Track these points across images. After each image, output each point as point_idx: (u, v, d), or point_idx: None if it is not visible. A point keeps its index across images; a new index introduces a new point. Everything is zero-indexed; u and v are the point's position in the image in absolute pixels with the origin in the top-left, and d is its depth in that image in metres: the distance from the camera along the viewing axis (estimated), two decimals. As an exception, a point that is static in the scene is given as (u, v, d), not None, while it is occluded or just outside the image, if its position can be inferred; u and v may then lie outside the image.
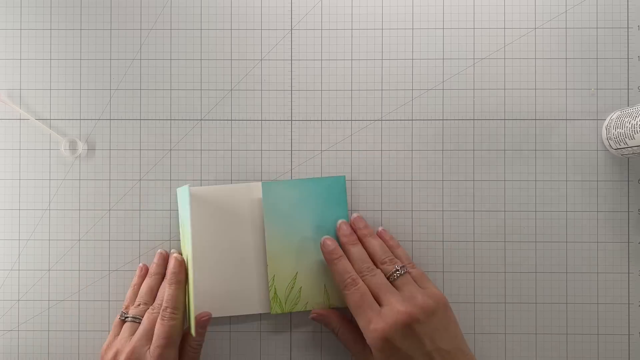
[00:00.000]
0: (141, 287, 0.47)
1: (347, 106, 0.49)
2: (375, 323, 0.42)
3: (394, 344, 0.41)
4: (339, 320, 0.46)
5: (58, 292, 0.49)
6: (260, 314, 0.49)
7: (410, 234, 0.49)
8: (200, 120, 0.49)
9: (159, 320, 0.44)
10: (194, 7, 0.49)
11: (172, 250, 0.48)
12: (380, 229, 0.48)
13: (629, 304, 0.48)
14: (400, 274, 0.44)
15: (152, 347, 0.43)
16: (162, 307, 0.44)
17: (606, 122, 0.48)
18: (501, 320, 0.49)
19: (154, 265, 0.47)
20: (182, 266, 0.46)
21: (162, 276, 0.47)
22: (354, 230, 0.47)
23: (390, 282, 0.44)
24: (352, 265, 0.45)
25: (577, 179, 0.49)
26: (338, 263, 0.45)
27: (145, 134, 0.49)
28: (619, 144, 0.46)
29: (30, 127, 0.49)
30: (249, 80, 0.49)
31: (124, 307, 0.47)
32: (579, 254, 0.49)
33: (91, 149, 0.49)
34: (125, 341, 0.44)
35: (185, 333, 0.45)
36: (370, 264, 0.45)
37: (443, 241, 0.49)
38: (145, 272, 0.48)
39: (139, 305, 0.46)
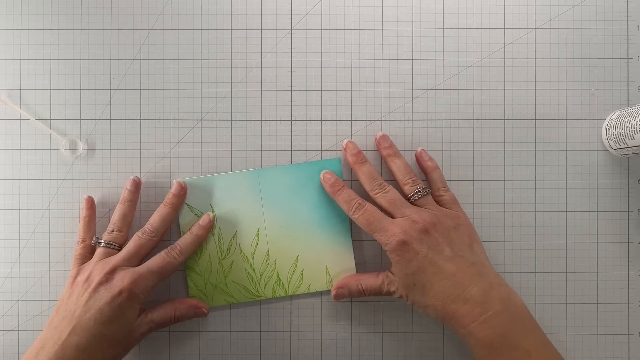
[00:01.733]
0: (113, 214, 0.47)
1: (347, 106, 0.49)
2: (390, 229, 0.42)
3: (412, 247, 0.41)
4: (355, 279, 0.46)
5: (58, 292, 0.49)
6: (261, 309, 0.49)
7: (410, 234, 0.49)
8: (200, 120, 0.49)
9: (163, 252, 0.45)
10: (194, 7, 0.49)
11: (131, 177, 0.48)
12: (419, 149, 0.47)
13: (628, 303, 0.48)
14: (422, 195, 0.44)
15: (141, 267, 0.44)
16: (172, 246, 0.45)
17: (606, 122, 0.48)
18: (501, 320, 0.49)
19: (127, 191, 0.47)
20: (211, 226, 0.47)
21: (135, 203, 0.47)
22: (379, 149, 0.47)
23: (412, 202, 0.44)
24: (363, 185, 0.46)
25: (577, 179, 0.49)
26: (342, 193, 0.45)
27: (145, 134, 0.49)
28: (619, 144, 0.46)
29: (31, 127, 0.49)
30: (249, 80, 0.49)
31: (80, 240, 0.47)
32: (579, 254, 0.49)
33: (91, 149, 0.49)
34: (101, 262, 0.44)
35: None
36: (381, 180, 0.45)
37: (443, 241, 0.49)
38: (91, 204, 0.48)
39: (112, 231, 0.46)
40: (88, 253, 0.46)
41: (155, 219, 0.46)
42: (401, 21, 0.49)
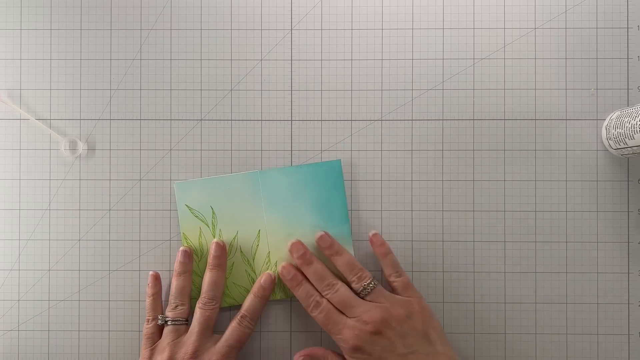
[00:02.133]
0: (172, 290, 0.47)
1: (347, 106, 0.49)
2: (344, 333, 0.43)
3: (365, 350, 0.42)
4: (324, 352, 0.46)
5: (58, 292, 0.49)
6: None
7: (410, 234, 0.49)
8: (200, 120, 0.49)
9: (235, 324, 0.45)
10: (194, 7, 0.49)
11: (181, 248, 0.48)
12: (371, 234, 0.47)
13: (628, 303, 0.48)
14: (369, 291, 0.45)
15: (221, 345, 0.44)
16: (241, 315, 0.46)
17: (606, 122, 0.48)
18: (501, 320, 0.49)
19: (180, 264, 0.47)
20: (274, 283, 0.47)
21: (190, 273, 0.47)
22: (321, 249, 0.47)
23: (362, 297, 0.45)
24: (313, 284, 0.46)
25: (577, 179, 0.49)
26: (299, 289, 0.46)
27: (145, 134, 0.49)
28: (619, 144, 0.46)
29: (31, 127, 0.49)
30: (249, 80, 0.49)
31: (149, 319, 0.47)
32: (579, 254, 0.49)
33: (91, 149, 0.49)
34: (174, 344, 0.45)
35: None
36: (330, 279, 0.45)
37: (443, 241, 0.49)
38: (157, 280, 0.48)
39: (176, 306, 0.46)
40: (158, 332, 0.46)
41: (209, 287, 0.46)
42: (401, 21, 0.49)
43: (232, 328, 0.45)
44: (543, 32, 0.49)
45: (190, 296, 0.47)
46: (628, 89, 0.49)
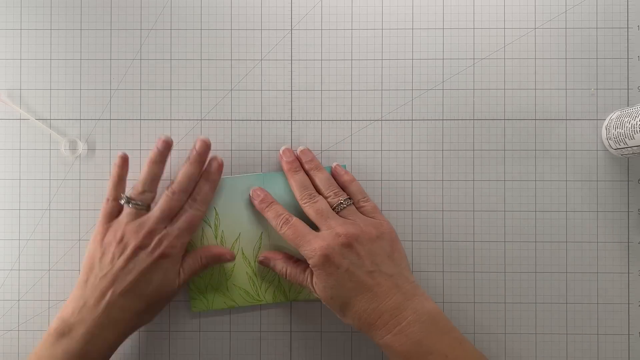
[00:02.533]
0: (143, 175, 0.45)
1: (347, 106, 0.49)
2: (314, 243, 0.43)
3: (333, 261, 0.42)
4: (284, 260, 0.46)
5: (58, 292, 0.49)
6: (261, 310, 0.49)
7: (410, 234, 0.49)
8: (200, 120, 0.49)
9: (187, 208, 0.45)
10: (194, 7, 0.49)
11: (164, 135, 0.46)
12: (334, 165, 0.48)
13: (628, 303, 0.48)
14: (345, 206, 0.45)
15: (173, 228, 0.44)
16: (192, 198, 0.45)
17: (606, 122, 0.48)
18: (501, 320, 0.49)
19: (158, 152, 0.45)
20: (221, 168, 0.47)
21: (164, 164, 0.46)
22: (301, 163, 0.47)
23: (336, 213, 0.45)
24: (295, 193, 0.46)
25: (577, 179, 0.49)
26: (270, 210, 0.46)
27: (145, 134, 0.49)
28: (619, 144, 0.46)
29: (31, 127, 0.49)
30: (249, 80, 0.49)
31: (109, 198, 0.45)
32: (579, 254, 0.49)
33: (91, 149, 0.49)
34: (133, 224, 0.44)
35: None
36: (312, 191, 0.46)
37: (443, 241, 0.49)
38: (125, 162, 0.46)
39: (143, 192, 0.45)
40: (116, 211, 0.45)
41: (183, 179, 0.45)
42: (401, 21, 0.49)
43: (183, 211, 0.45)
44: (543, 32, 0.49)
45: (157, 187, 0.46)
46: (628, 88, 0.49)
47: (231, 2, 0.49)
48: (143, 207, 0.45)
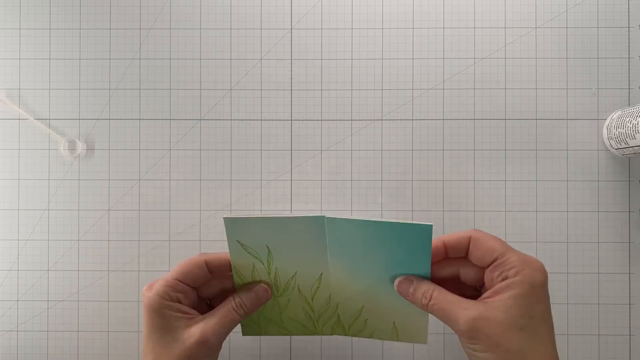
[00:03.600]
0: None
1: (347, 106, 0.49)
2: (530, 257, 0.37)
3: (547, 288, 0.36)
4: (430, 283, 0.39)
5: (58, 292, 0.49)
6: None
7: (411, 234, 0.49)
8: (200, 120, 0.49)
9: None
10: (194, 7, 0.49)
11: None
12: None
13: (629, 304, 0.48)
14: None
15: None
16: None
17: (607, 122, 0.48)
18: (502, 320, 0.48)
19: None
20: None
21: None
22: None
23: None
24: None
25: (577, 179, 0.49)
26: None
27: (145, 134, 0.49)
28: (620, 144, 0.46)
29: (29, 127, 0.49)
30: (249, 80, 0.49)
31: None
32: (579, 254, 0.48)
33: (90, 148, 0.49)
34: None
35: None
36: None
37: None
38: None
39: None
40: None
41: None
42: (401, 21, 0.49)
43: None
44: (544, 32, 0.49)
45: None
46: (629, 88, 0.48)
47: (231, 2, 0.49)
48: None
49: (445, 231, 0.48)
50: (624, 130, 0.45)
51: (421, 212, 0.49)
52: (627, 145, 0.45)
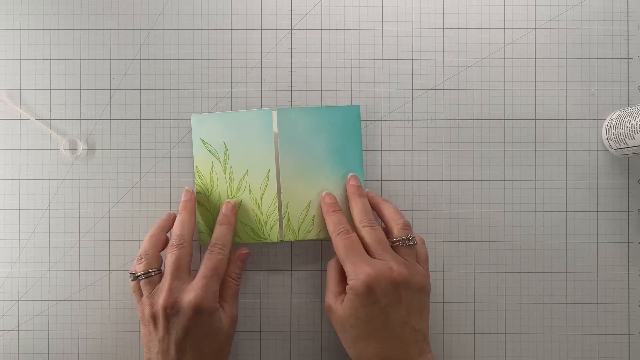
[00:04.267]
0: (142, 246, 0.45)
1: (347, 106, 0.49)
2: (363, 267, 0.41)
3: (375, 294, 0.41)
4: (335, 263, 0.45)
5: (58, 292, 0.49)
6: (261, 306, 0.49)
7: (410, 234, 0.49)
8: (200, 120, 0.49)
9: (206, 254, 0.44)
10: (194, 7, 0.49)
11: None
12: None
13: (629, 304, 0.48)
14: (409, 244, 0.43)
15: (197, 278, 0.43)
16: (212, 243, 0.44)
17: (606, 122, 0.48)
18: (501, 320, 0.49)
19: (158, 227, 0.46)
20: (234, 210, 0.47)
21: (161, 228, 0.46)
22: (369, 195, 0.47)
23: (393, 247, 0.44)
24: (354, 216, 0.45)
25: (577, 179, 0.49)
26: (334, 215, 0.45)
27: (145, 134, 0.49)
28: (619, 144, 0.46)
29: (30, 127, 0.49)
30: (249, 80, 0.49)
31: (131, 277, 0.45)
32: (579, 254, 0.49)
33: (91, 149, 0.49)
34: (152, 296, 0.43)
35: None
36: (372, 218, 0.45)
37: (443, 241, 0.49)
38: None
39: (140, 259, 0.44)
40: (138, 289, 0.45)
41: (177, 228, 0.45)
42: (401, 21, 0.49)
43: (205, 259, 0.44)
44: (543, 32, 0.49)
45: (160, 249, 0.45)
46: (628, 89, 0.49)
47: (231, 2, 0.49)
48: (154, 272, 0.44)
49: (445, 231, 0.49)
50: (623, 131, 0.45)
51: (421, 212, 0.49)
52: (626, 146, 0.45)
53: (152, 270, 0.44)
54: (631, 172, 0.49)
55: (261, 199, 0.48)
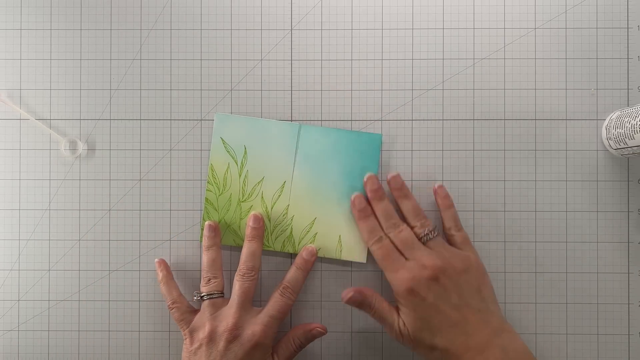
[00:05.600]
0: (203, 263, 0.46)
1: (347, 106, 0.49)
2: (401, 274, 0.43)
3: (419, 294, 0.42)
4: (372, 298, 0.45)
5: (58, 292, 0.49)
6: (261, 306, 0.49)
7: (410, 234, 0.49)
8: (200, 120, 0.49)
9: (277, 295, 0.45)
10: (194, 7, 0.49)
11: (207, 222, 0.47)
12: (436, 186, 0.47)
13: (629, 303, 0.48)
14: (430, 238, 0.45)
15: (263, 314, 0.44)
16: (284, 285, 0.45)
17: (606, 122, 0.48)
18: (501, 320, 0.49)
19: (207, 238, 0.46)
20: (314, 258, 0.47)
21: (219, 246, 0.47)
22: (390, 189, 0.47)
23: (423, 243, 0.45)
24: (379, 221, 0.46)
25: (577, 179, 0.49)
26: (367, 221, 0.46)
27: (145, 134, 0.49)
28: (619, 144, 0.46)
29: (30, 127, 0.49)
30: (249, 80, 0.49)
31: (169, 305, 0.46)
32: (579, 254, 0.49)
33: (91, 149, 0.49)
34: (214, 318, 0.44)
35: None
36: (397, 219, 0.46)
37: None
38: (165, 265, 0.48)
39: (209, 280, 0.45)
40: (188, 313, 0.46)
41: (247, 257, 0.46)
42: (401, 21, 0.49)
43: (275, 299, 0.45)
44: (543, 32, 0.49)
45: (222, 269, 0.46)
46: (628, 89, 0.49)
47: (231, 2, 0.49)
48: (217, 295, 0.45)
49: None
50: (622, 131, 0.45)
51: (421, 212, 0.49)
52: (626, 146, 0.45)
53: (218, 292, 0.46)
54: (631, 172, 0.49)
55: (272, 208, 0.48)
